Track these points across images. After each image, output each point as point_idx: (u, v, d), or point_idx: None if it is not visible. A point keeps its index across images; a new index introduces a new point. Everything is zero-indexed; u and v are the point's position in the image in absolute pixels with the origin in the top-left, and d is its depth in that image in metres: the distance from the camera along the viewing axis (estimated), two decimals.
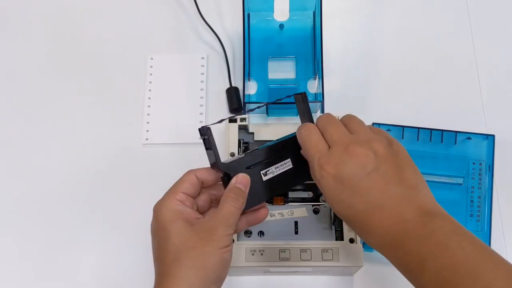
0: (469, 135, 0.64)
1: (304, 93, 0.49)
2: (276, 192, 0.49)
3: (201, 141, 0.65)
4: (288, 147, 0.49)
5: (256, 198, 0.47)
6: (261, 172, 0.48)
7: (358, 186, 0.41)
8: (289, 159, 0.49)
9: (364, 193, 0.41)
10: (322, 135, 0.45)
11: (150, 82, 0.71)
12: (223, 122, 0.57)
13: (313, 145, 0.44)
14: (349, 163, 0.41)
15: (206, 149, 0.47)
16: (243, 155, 0.49)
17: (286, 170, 0.49)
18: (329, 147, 0.43)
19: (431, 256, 0.37)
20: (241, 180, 0.45)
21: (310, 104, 0.65)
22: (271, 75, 0.69)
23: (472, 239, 0.38)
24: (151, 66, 0.71)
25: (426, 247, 0.38)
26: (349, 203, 0.41)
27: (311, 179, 0.46)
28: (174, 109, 0.69)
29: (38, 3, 0.76)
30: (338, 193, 0.41)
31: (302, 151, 0.47)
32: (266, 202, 0.51)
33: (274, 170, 0.48)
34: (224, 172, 0.46)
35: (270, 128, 0.62)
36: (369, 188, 0.41)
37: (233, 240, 0.54)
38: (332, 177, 0.41)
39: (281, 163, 0.49)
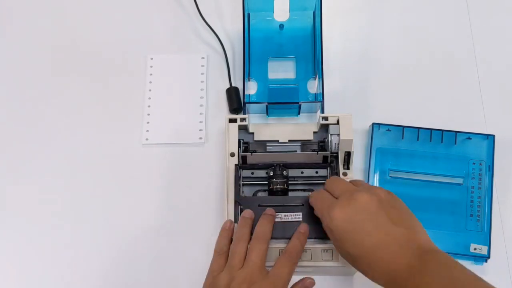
0: (469, 135, 0.64)
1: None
2: (279, 235, 0.54)
3: (201, 141, 0.67)
4: (307, 204, 0.55)
5: None
6: None
7: (364, 225, 0.46)
8: (300, 213, 0.54)
9: (370, 231, 0.45)
10: (330, 193, 0.51)
11: (150, 82, 0.71)
12: (223, 122, 0.59)
13: (322, 201, 0.51)
14: (355, 205, 0.47)
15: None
16: (265, 194, 0.59)
17: (295, 221, 0.54)
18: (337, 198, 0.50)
19: (424, 286, 0.41)
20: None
21: (309, 104, 0.65)
22: (271, 75, 0.69)
23: (462, 269, 0.42)
24: (151, 66, 0.71)
25: (421, 279, 0.42)
26: (358, 241, 0.46)
27: (315, 237, 0.54)
28: (174, 109, 0.69)
29: (38, 3, 0.76)
30: (347, 233, 0.47)
31: (314, 212, 0.53)
32: (275, 239, 0.55)
33: (283, 217, 0.55)
34: (239, 203, 0.57)
35: (270, 128, 0.63)
36: (375, 227, 0.46)
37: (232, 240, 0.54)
38: (341, 220, 0.47)
39: (293, 213, 0.55)
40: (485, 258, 0.60)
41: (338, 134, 0.58)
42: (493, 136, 0.64)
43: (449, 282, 0.40)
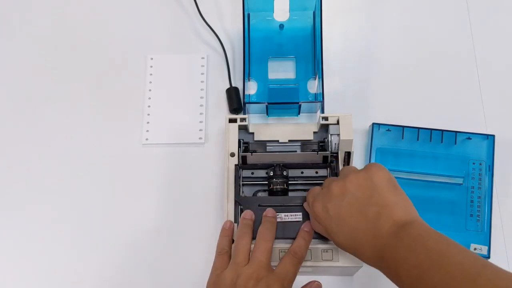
0: (469, 135, 0.64)
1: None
2: (279, 235, 0.54)
3: (201, 141, 0.67)
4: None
5: None
6: None
7: (340, 213, 0.47)
8: (300, 213, 0.55)
9: (346, 218, 0.47)
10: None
11: (150, 82, 0.71)
12: (223, 122, 0.60)
13: (310, 195, 0.53)
14: (329, 196, 0.49)
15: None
16: (265, 194, 0.59)
17: (295, 221, 0.54)
18: None
19: (402, 261, 0.42)
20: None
21: (309, 104, 0.66)
22: (271, 75, 0.69)
23: (436, 237, 0.42)
24: (151, 66, 0.71)
25: (398, 254, 0.42)
26: (339, 231, 0.47)
27: (315, 237, 0.54)
28: (174, 109, 0.69)
29: (38, 3, 0.76)
30: (329, 223, 0.48)
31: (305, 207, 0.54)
32: (276, 239, 0.54)
33: (284, 217, 0.55)
34: (239, 203, 0.56)
35: (270, 128, 0.63)
36: (349, 213, 0.46)
37: (233, 240, 0.54)
38: (321, 211, 0.49)
39: (293, 213, 0.55)
40: (485, 258, 0.60)
41: (338, 134, 0.58)
42: (493, 136, 0.64)
43: (424, 254, 0.40)
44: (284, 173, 0.59)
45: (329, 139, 0.59)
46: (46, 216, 0.65)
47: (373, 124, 0.65)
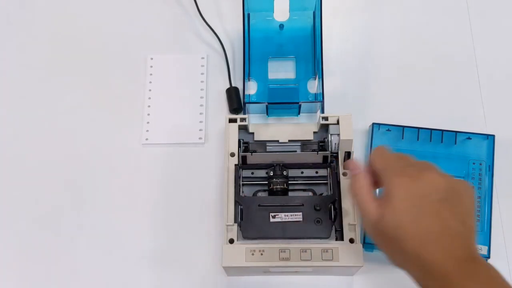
0: (469, 135, 0.64)
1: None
2: (279, 235, 0.54)
3: (201, 141, 0.67)
4: (307, 204, 0.55)
5: (260, 232, 0.54)
6: (270, 214, 0.55)
7: (427, 207, 0.41)
8: (301, 213, 0.54)
9: (430, 215, 0.41)
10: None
11: (150, 82, 0.71)
12: (223, 122, 0.59)
13: (386, 161, 0.46)
14: (425, 182, 0.42)
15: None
16: (265, 194, 0.59)
17: (294, 221, 0.54)
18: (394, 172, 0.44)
19: None
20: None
21: (309, 104, 0.66)
22: (271, 75, 0.69)
23: (503, 281, 0.39)
24: (151, 66, 0.71)
25: (472, 285, 0.39)
26: (411, 221, 0.41)
27: (315, 237, 0.54)
28: (174, 109, 0.69)
29: (38, 3, 0.76)
30: (405, 206, 0.42)
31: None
32: (276, 238, 0.55)
33: (283, 217, 0.54)
34: (239, 203, 0.56)
35: (270, 128, 0.63)
36: (437, 212, 0.41)
37: (233, 240, 0.54)
38: (406, 188, 0.42)
39: (293, 213, 0.55)
40: (485, 258, 0.60)
41: (338, 134, 0.58)
42: (493, 136, 0.64)
43: None
44: (284, 173, 0.59)
45: (329, 139, 0.59)
46: (45, 216, 0.64)
47: (373, 124, 0.65)
